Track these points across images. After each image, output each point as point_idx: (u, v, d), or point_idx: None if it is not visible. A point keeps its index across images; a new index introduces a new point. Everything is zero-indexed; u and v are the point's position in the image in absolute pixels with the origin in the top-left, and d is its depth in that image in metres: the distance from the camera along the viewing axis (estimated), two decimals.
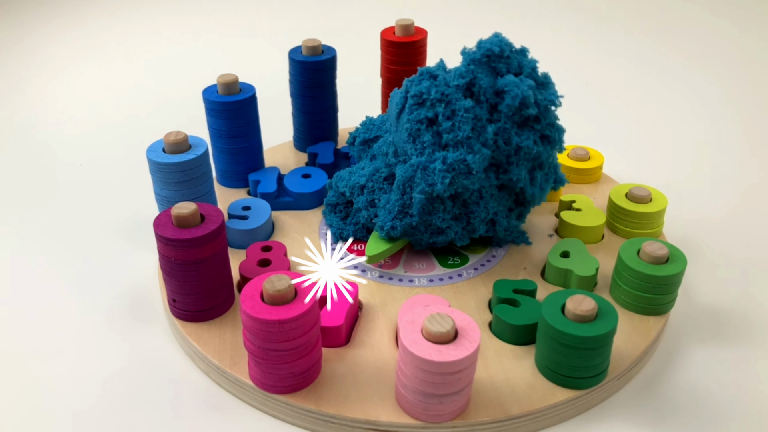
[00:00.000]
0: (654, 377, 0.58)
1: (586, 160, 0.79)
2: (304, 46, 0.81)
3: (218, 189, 0.79)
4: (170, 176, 0.64)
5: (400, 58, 0.83)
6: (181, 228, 0.55)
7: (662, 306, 0.60)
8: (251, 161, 0.79)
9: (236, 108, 0.74)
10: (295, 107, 0.85)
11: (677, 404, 0.55)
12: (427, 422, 0.50)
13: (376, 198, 0.66)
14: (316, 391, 0.52)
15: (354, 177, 0.68)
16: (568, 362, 0.52)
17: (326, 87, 0.83)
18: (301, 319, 0.48)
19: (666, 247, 0.59)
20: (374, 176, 0.66)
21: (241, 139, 0.76)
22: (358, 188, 0.67)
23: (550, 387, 0.53)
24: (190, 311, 0.59)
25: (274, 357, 0.50)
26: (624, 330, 0.58)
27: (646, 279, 0.58)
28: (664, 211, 0.69)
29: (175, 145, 0.64)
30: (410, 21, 0.82)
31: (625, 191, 0.71)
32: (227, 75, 0.74)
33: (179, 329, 0.59)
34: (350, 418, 0.51)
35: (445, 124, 0.60)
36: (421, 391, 0.48)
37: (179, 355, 0.60)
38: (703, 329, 0.63)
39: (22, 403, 0.55)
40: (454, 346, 0.47)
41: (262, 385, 0.52)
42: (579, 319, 0.51)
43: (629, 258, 0.59)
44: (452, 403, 0.49)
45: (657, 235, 0.71)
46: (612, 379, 0.54)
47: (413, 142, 0.61)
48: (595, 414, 0.54)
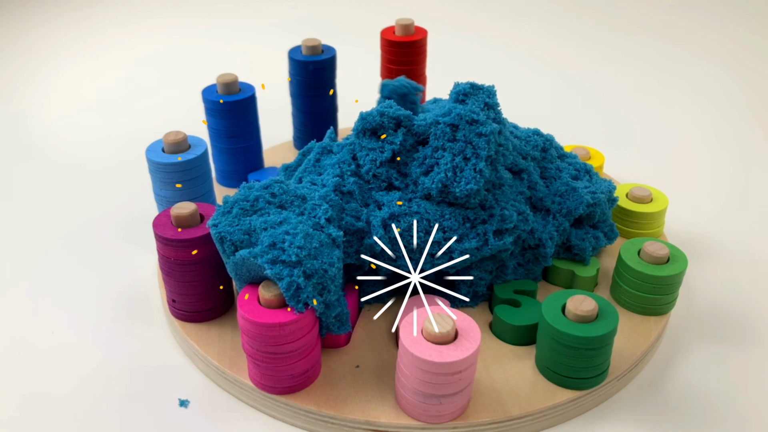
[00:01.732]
0: (655, 378, 0.57)
1: (586, 159, 0.78)
2: (304, 46, 0.81)
3: (218, 189, 0.79)
4: (170, 176, 0.64)
5: (400, 58, 0.83)
6: (180, 228, 0.55)
7: (663, 306, 0.60)
8: (251, 161, 0.79)
9: (236, 108, 0.74)
10: (295, 107, 0.85)
11: (677, 404, 0.55)
12: (427, 423, 0.50)
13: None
14: (316, 392, 0.52)
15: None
16: (568, 363, 0.51)
17: (326, 87, 0.83)
18: (299, 321, 0.48)
19: (667, 247, 0.59)
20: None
21: (240, 139, 0.76)
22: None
23: (551, 387, 0.53)
24: (189, 312, 0.58)
25: (272, 359, 0.50)
26: (624, 330, 0.58)
27: (647, 279, 0.58)
28: (665, 211, 0.69)
29: (175, 145, 0.64)
30: (410, 21, 0.82)
31: (626, 191, 0.70)
32: (227, 75, 0.74)
33: (179, 330, 0.59)
34: (350, 418, 0.50)
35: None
36: (421, 392, 0.48)
37: (179, 355, 0.60)
38: (703, 329, 0.63)
39: (22, 403, 0.55)
40: (454, 347, 0.47)
41: (261, 385, 0.52)
42: (579, 319, 0.51)
43: (630, 258, 0.59)
44: (452, 403, 0.49)
45: (658, 236, 0.70)
46: (612, 379, 0.54)
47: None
48: (596, 415, 0.54)
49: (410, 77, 0.85)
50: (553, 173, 0.65)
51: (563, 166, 0.66)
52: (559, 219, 0.62)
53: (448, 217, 0.57)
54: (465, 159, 0.56)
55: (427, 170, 0.58)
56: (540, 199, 0.63)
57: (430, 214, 0.57)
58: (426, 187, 0.57)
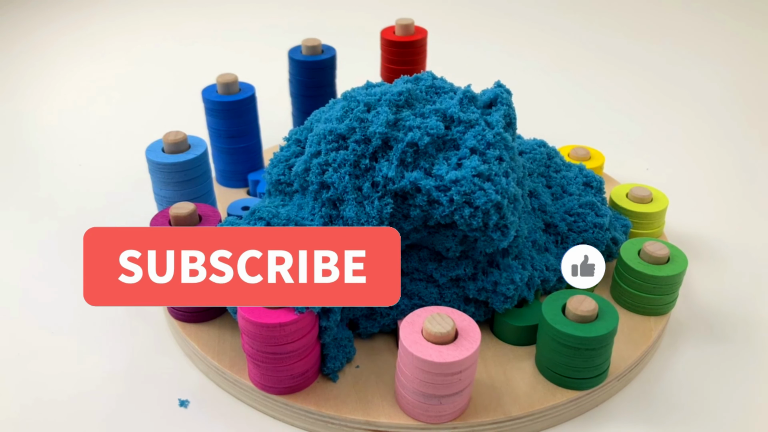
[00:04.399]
0: (654, 378, 0.57)
1: (586, 159, 0.78)
2: (303, 46, 0.81)
3: (218, 189, 0.79)
4: (169, 176, 0.63)
5: (400, 58, 0.83)
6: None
7: (663, 306, 0.60)
8: (251, 161, 0.78)
9: (236, 108, 0.74)
10: (295, 107, 0.85)
11: (677, 404, 0.55)
12: (427, 423, 0.50)
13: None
14: (316, 392, 0.52)
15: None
16: (568, 363, 0.51)
17: (326, 87, 0.83)
18: (299, 322, 0.48)
19: (667, 247, 0.59)
20: None
21: (240, 139, 0.76)
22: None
23: (551, 387, 0.53)
24: (189, 312, 0.58)
25: (273, 360, 0.50)
26: (624, 331, 0.58)
27: (647, 279, 0.58)
28: (665, 211, 0.69)
29: (175, 144, 0.64)
30: (410, 21, 0.82)
31: (626, 191, 0.70)
32: (227, 75, 0.74)
33: (179, 330, 0.59)
34: (350, 418, 0.50)
35: None
36: (421, 392, 0.48)
37: (179, 355, 0.60)
38: (703, 329, 0.63)
39: (21, 403, 0.55)
40: (454, 347, 0.46)
41: (261, 386, 0.52)
42: (579, 319, 0.51)
43: (630, 258, 0.59)
44: (452, 403, 0.49)
45: (658, 236, 0.70)
46: (612, 379, 0.54)
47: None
48: (596, 415, 0.54)
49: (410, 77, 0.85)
50: (558, 181, 0.66)
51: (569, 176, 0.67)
52: (568, 244, 0.62)
53: (448, 299, 0.57)
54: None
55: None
56: (550, 216, 0.63)
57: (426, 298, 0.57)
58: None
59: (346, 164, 0.52)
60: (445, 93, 0.59)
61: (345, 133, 0.53)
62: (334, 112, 0.56)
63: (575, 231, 0.62)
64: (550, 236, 0.62)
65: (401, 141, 0.52)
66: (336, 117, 0.55)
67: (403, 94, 0.55)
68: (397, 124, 0.54)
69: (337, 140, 0.53)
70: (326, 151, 0.54)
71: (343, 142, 0.53)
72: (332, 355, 0.53)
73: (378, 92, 0.56)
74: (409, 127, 0.53)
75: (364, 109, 0.54)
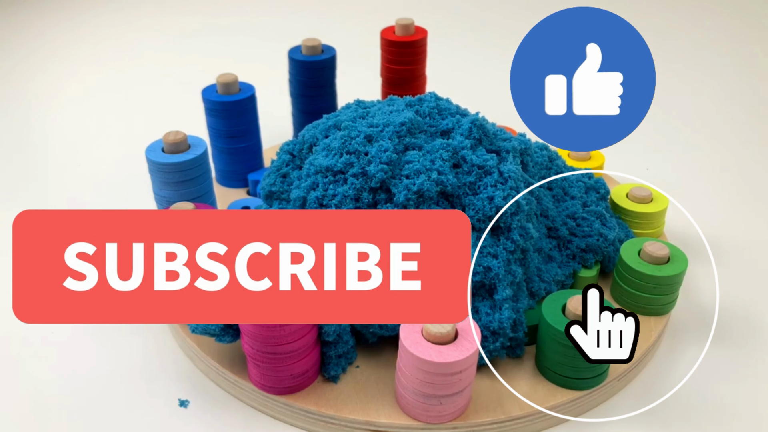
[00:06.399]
0: (654, 378, 0.57)
1: (586, 160, 0.78)
2: (303, 46, 0.81)
3: (218, 189, 0.79)
4: (169, 176, 0.63)
5: (400, 58, 0.83)
6: None
7: (663, 306, 0.60)
8: (251, 161, 0.78)
9: (236, 108, 0.74)
10: (295, 107, 0.85)
11: (677, 404, 0.55)
12: (427, 423, 0.50)
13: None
14: (316, 392, 0.52)
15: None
16: (568, 363, 0.51)
17: (326, 87, 0.83)
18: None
19: (667, 247, 0.59)
20: None
21: (240, 139, 0.76)
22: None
23: (551, 387, 0.53)
24: None
25: (273, 360, 0.50)
26: None
27: (647, 279, 0.58)
28: (665, 211, 0.69)
29: (174, 144, 0.64)
30: (410, 21, 0.82)
31: (626, 191, 0.70)
32: (227, 75, 0.74)
33: (179, 330, 0.59)
34: (350, 419, 0.50)
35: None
36: (421, 392, 0.48)
37: (179, 355, 0.60)
38: (703, 329, 0.63)
39: (21, 403, 0.55)
40: (454, 347, 0.46)
41: (261, 386, 0.52)
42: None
43: (630, 258, 0.59)
44: (452, 403, 0.49)
45: (658, 236, 0.70)
46: (612, 379, 0.54)
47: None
48: (596, 415, 0.54)
49: (410, 77, 0.85)
50: (559, 183, 0.65)
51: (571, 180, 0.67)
52: (570, 249, 0.62)
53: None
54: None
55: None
56: (552, 220, 0.63)
57: None
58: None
59: (347, 200, 0.53)
60: (451, 115, 0.59)
61: (343, 168, 0.53)
62: (333, 142, 0.55)
63: (577, 235, 0.62)
64: (552, 240, 0.62)
65: (408, 190, 0.52)
66: (336, 148, 0.54)
67: (405, 125, 0.55)
68: (401, 163, 0.53)
69: (335, 175, 0.54)
70: (324, 185, 0.54)
71: (342, 175, 0.53)
72: (334, 362, 0.53)
73: (380, 123, 0.56)
74: (416, 171, 0.52)
75: (364, 141, 0.54)
